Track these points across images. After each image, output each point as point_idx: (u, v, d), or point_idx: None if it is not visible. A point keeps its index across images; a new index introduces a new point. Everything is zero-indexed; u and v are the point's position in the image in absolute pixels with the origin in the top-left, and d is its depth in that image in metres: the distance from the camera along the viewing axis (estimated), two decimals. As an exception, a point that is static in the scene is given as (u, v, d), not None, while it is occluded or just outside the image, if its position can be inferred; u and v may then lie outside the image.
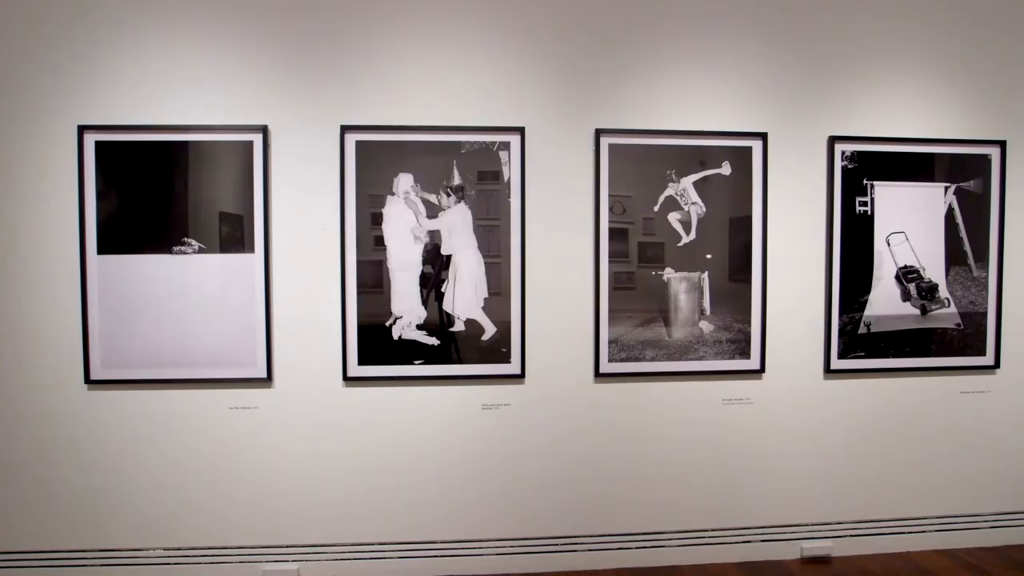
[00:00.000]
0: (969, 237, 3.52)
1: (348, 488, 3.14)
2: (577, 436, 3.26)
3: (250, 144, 2.97)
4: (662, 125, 3.25)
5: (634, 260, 3.25)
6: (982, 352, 3.56)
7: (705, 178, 3.29)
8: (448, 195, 3.11)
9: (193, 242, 2.94)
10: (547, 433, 3.23)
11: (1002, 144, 3.52)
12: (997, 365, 3.57)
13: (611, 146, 3.20)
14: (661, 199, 3.23)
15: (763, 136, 3.31)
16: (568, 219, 3.20)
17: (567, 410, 3.24)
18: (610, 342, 3.21)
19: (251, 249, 3.00)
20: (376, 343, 3.08)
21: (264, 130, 2.99)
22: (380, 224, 3.06)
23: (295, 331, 3.07)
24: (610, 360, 3.22)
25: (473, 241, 3.13)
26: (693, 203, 3.26)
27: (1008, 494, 3.64)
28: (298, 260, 3.06)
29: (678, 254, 3.26)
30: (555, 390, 3.22)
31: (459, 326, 3.14)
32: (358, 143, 3.03)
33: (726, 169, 3.29)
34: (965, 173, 3.51)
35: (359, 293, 3.06)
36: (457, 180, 3.11)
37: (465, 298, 3.14)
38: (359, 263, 3.06)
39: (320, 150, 3.04)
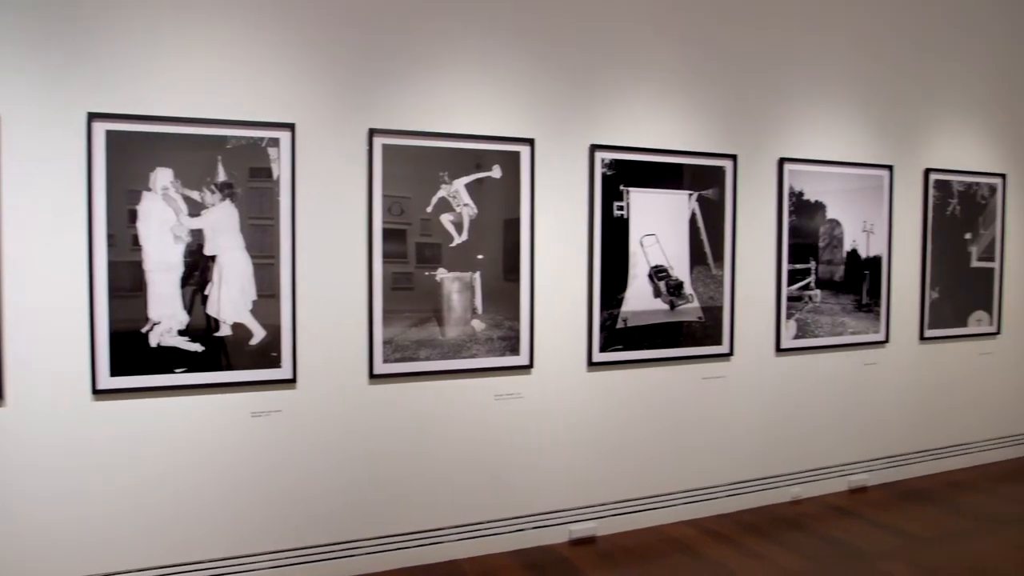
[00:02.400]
0: (709, 239, 4.59)
1: (97, 512, 3.31)
2: (352, 439, 3.75)
3: (-27, 131, 3.05)
4: (435, 128, 3.85)
5: (412, 261, 3.82)
6: (719, 342, 4.65)
7: (480, 181, 3.96)
8: (213, 192, 3.43)
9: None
10: (321, 438, 3.68)
11: (734, 158, 4.63)
12: (731, 353, 4.69)
13: (385, 146, 3.73)
14: (434, 200, 3.83)
15: (531, 142, 4.05)
16: (342, 219, 3.67)
17: (341, 413, 3.71)
18: (385, 343, 3.74)
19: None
20: (132, 352, 3.31)
21: (-10, 115, 3.08)
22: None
23: (34, 341, 3.17)
24: (385, 361, 3.76)
25: (240, 241, 3.48)
26: (465, 205, 3.91)
27: (740, 465, 4.79)
28: (39, 262, 3.17)
29: (452, 255, 3.89)
30: (329, 394, 3.68)
31: (226, 330, 3.47)
32: (109, 133, 3.24)
33: (496, 172, 3.98)
34: (705, 182, 4.57)
35: (113, 297, 3.26)
36: (222, 177, 3.44)
37: (232, 301, 3.48)
38: (112, 264, 3.26)
39: (64, 140, 3.19)
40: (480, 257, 3.88)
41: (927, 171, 5.43)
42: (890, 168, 5.23)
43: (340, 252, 3.62)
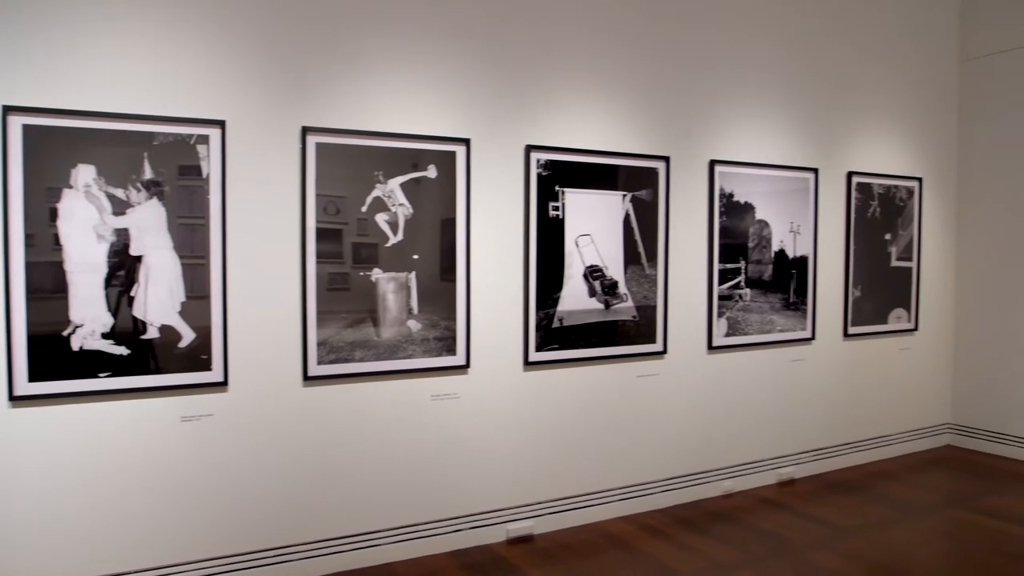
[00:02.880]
0: (642, 239, 4.76)
1: (15, 523, 3.24)
2: (286, 442, 3.76)
3: None
4: (371, 127, 3.90)
5: (348, 261, 3.86)
6: (653, 340, 4.83)
7: (416, 180, 4.03)
8: (139, 190, 3.40)
9: None
10: (254, 442, 3.68)
11: (667, 159, 4.83)
12: (665, 351, 4.88)
13: (319, 145, 3.76)
14: (369, 200, 3.88)
15: (466, 142, 4.14)
16: (275, 218, 3.69)
17: (275, 416, 3.73)
18: (319, 344, 3.77)
19: None
20: (52, 356, 3.25)
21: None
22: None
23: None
24: (319, 362, 3.78)
25: (168, 240, 3.46)
26: (400, 204, 3.97)
27: (675, 461, 4.98)
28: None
29: (388, 255, 3.95)
30: (261, 396, 3.69)
31: (153, 333, 3.45)
32: (27, 128, 3.18)
33: (432, 172, 4.05)
34: (639, 183, 4.74)
35: (32, 299, 3.20)
36: (149, 174, 3.41)
37: (159, 302, 3.46)
38: (31, 265, 3.20)
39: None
40: (416, 257, 3.95)
41: (850, 174, 5.75)
42: (815, 171, 5.52)
43: (273, 252, 3.63)
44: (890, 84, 6.01)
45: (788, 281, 5.39)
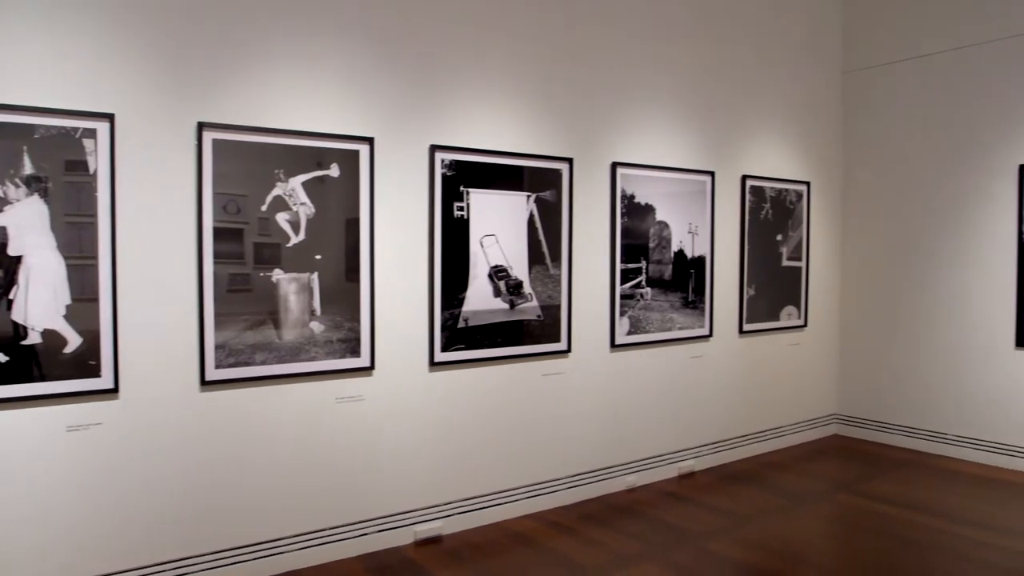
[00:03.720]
0: (547, 239, 4.85)
1: None
2: (182, 450, 3.63)
3: None
4: (271, 124, 3.82)
5: (250, 261, 3.77)
6: (558, 339, 4.93)
7: (320, 179, 3.97)
8: (18, 186, 3.22)
9: None
10: (148, 451, 3.53)
11: (570, 161, 4.94)
12: (569, 350, 4.98)
13: (216, 141, 3.65)
14: (269, 199, 3.80)
15: (370, 141, 4.11)
16: (169, 216, 3.55)
17: (170, 424, 3.59)
18: (217, 347, 3.67)
19: None
20: (-80, 363, 3.04)
21: None
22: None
23: None
24: (218, 366, 3.68)
25: (52, 239, 3.29)
26: (302, 203, 3.91)
27: (580, 458, 5.10)
28: None
29: (290, 255, 3.88)
30: (155, 403, 3.55)
31: (35, 338, 3.27)
32: None
33: (335, 171, 4.01)
34: (543, 184, 4.83)
35: None
36: (29, 169, 3.24)
37: (42, 305, 3.29)
38: None
39: None
40: (319, 257, 3.90)
41: (744, 177, 6.03)
42: (712, 174, 5.76)
43: (167, 252, 3.51)
44: (781, 92, 6.34)
45: (687, 280, 5.60)
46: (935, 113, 6.28)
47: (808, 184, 6.56)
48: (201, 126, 3.56)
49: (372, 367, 4.08)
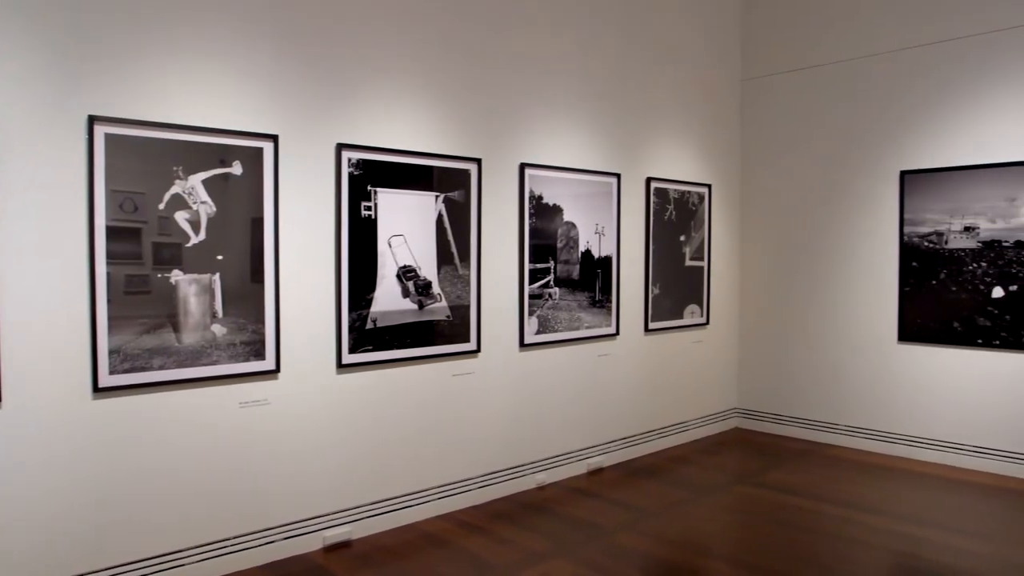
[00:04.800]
0: (455, 239, 4.88)
1: None
2: (74, 462, 3.44)
3: None
4: (168, 118, 3.70)
5: (149, 261, 3.63)
6: (467, 339, 4.95)
7: (224, 177, 3.87)
8: None
9: None
10: (34, 463, 3.33)
11: (479, 161, 4.97)
12: (479, 350, 5.02)
13: (109, 136, 3.50)
14: (167, 197, 3.68)
15: (274, 138, 4.04)
16: (58, 215, 3.37)
17: (59, 434, 3.40)
18: (111, 352, 3.52)
19: None
20: None
21: None
22: None
23: None
24: (112, 372, 3.53)
25: (-76, 240, 3.10)
26: (202, 202, 3.80)
27: (491, 457, 5.14)
28: None
29: (190, 255, 3.76)
30: (43, 413, 3.35)
31: (-93, 345, 3.07)
32: None
33: (237, 169, 3.92)
34: (452, 184, 4.85)
35: None
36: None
37: (-86, 310, 3.09)
38: None
39: None
40: (220, 258, 3.80)
41: (649, 179, 6.22)
42: (618, 176, 5.92)
43: (56, 252, 3.35)
44: (685, 98, 6.57)
45: (594, 280, 5.73)
46: (825, 121, 6.64)
47: (709, 187, 6.82)
48: (92, 120, 3.42)
49: (278, 370, 4.01)
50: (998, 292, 5.67)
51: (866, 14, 6.37)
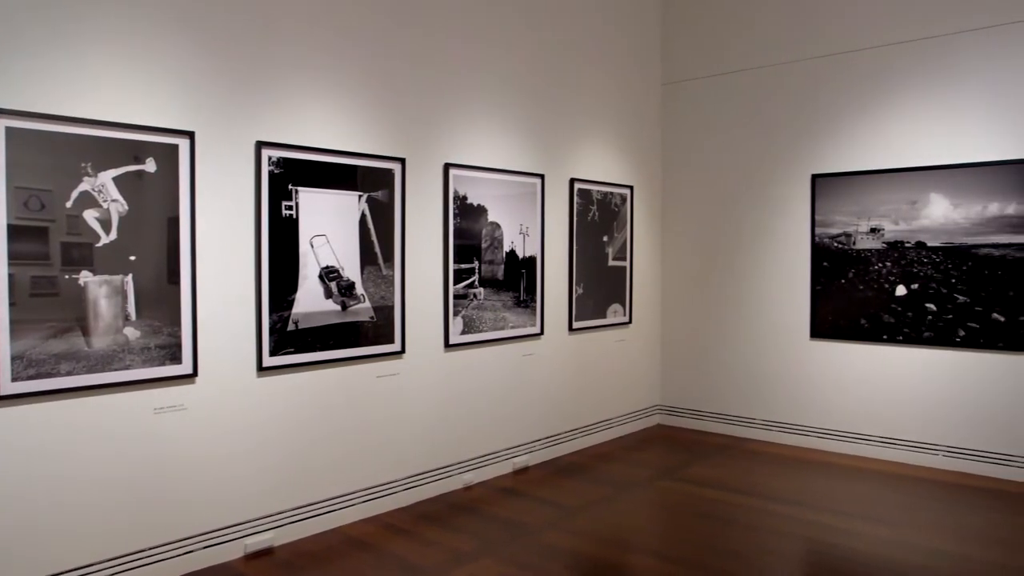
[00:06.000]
0: (379, 240, 4.84)
1: None
2: (-25, 472, 3.30)
3: None
4: (76, 112, 3.55)
5: (57, 262, 3.47)
6: (392, 340, 4.93)
7: (139, 175, 3.74)
8: None
9: None
10: (-69, 474, 3.19)
11: (402, 161, 4.96)
12: (403, 351, 5.00)
13: (11, 130, 3.33)
14: (75, 194, 3.53)
15: (191, 135, 3.93)
16: (-47, 215, 3.22)
17: (-40, 443, 3.26)
18: (14, 358, 3.35)
19: None
20: None
21: None
22: None
23: None
24: (14, 379, 3.34)
25: None
26: (113, 200, 3.67)
27: (416, 458, 5.12)
28: None
29: (101, 256, 3.62)
30: (-59, 421, 3.21)
31: None
32: None
33: (151, 166, 3.80)
34: (375, 184, 4.82)
35: None
36: None
37: None
38: None
39: None
40: (133, 258, 3.68)
41: (572, 180, 6.31)
42: (542, 177, 5.98)
43: (-48, 253, 3.18)
44: (608, 100, 6.70)
45: (519, 280, 5.78)
46: (742, 125, 6.88)
47: (632, 188, 6.97)
48: (-8, 114, 3.25)
49: (195, 374, 3.91)
50: (901, 290, 5.99)
51: (778, 24, 6.63)
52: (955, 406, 5.75)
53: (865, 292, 6.15)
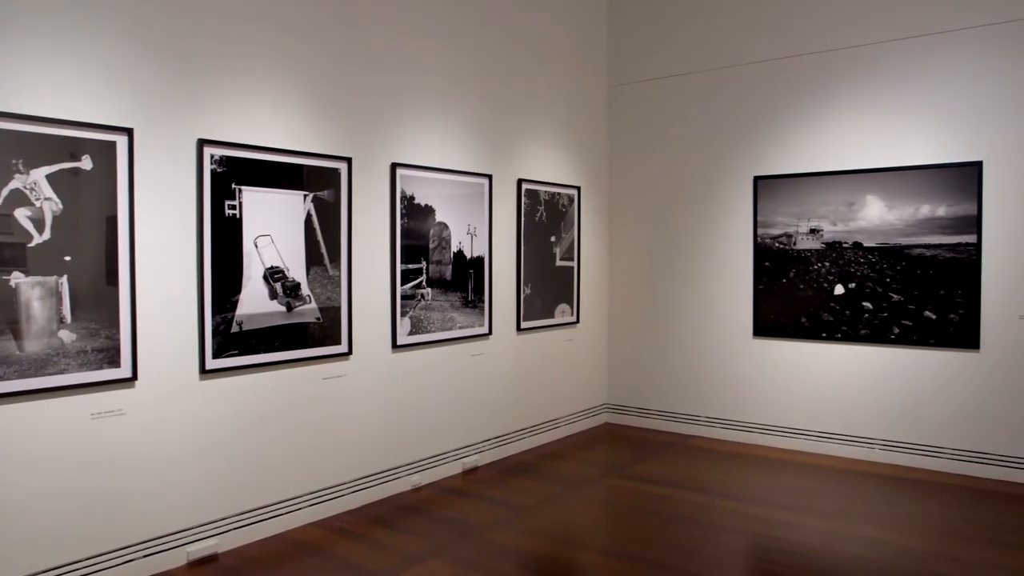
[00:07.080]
0: (325, 240, 4.79)
1: None
2: (-102, 482, 3.16)
3: None
4: (5, 107, 3.41)
5: (-17, 264, 3.35)
6: (338, 341, 4.88)
7: (74, 172, 3.62)
8: None
9: None
10: None
11: (349, 160, 4.91)
12: (350, 352, 4.95)
13: (-65, 126, 3.22)
14: (5, 192, 3.41)
15: (129, 132, 3.82)
16: None
17: None
18: (-58, 361, 3.23)
19: None
20: None
21: None
22: None
23: None
24: (-58, 384, 3.23)
25: None
26: (47, 198, 3.55)
27: (364, 460, 5.08)
28: None
29: (34, 256, 3.50)
30: None
31: None
32: None
33: (87, 163, 3.68)
34: (321, 183, 4.76)
35: None
36: None
37: None
38: None
39: None
40: (68, 259, 3.57)
41: (520, 181, 6.34)
42: (489, 177, 5.99)
43: None
44: (555, 101, 6.74)
45: (467, 280, 5.78)
46: (687, 127, 7.00)
47: (579, 189, 7.03)
48: (-84, 108, 3.12)
49: (134, 378, 3.81)
50: (839, 290, 6.17)
51: (722, 28, 6.77)
52: (890, 402, 5.95)
53: (805, 291, 6.32)
